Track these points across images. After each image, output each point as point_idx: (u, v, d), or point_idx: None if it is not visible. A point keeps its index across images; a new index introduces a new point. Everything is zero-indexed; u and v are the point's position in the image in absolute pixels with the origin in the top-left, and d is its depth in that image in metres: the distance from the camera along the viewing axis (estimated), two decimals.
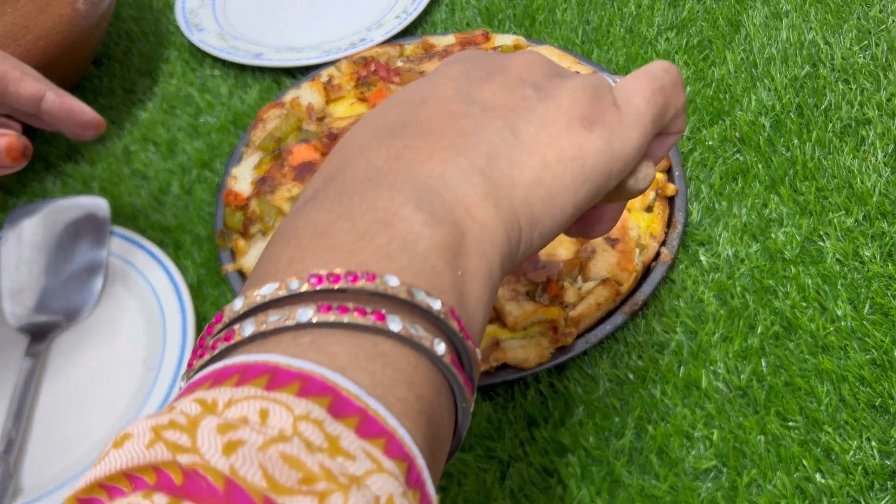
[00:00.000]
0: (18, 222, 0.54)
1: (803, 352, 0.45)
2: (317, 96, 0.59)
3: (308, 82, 0.60)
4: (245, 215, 0.51)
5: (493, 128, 0.25)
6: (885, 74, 0.60)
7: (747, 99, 0.59)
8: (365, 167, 0.24)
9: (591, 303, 0.45)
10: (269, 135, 0.55)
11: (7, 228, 0.54)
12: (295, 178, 0.52)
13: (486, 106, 0.25)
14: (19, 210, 0.54)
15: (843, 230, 0.51)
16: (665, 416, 0.43)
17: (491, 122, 0.25)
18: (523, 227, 0.24)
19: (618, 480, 0.41)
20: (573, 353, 0.44)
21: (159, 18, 0.74)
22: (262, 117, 0.57)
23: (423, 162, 0.23)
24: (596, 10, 0.69)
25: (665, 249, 0.49)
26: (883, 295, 0.47)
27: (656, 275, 0.48)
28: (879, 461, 0.40)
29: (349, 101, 0.59)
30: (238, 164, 0.56)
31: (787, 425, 0.42)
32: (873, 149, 0.55)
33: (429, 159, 0.24)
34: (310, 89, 0.59)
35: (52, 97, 0.43)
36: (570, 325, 0.45)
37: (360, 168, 0.24)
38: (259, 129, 0.57)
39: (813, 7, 0.67)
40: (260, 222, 0.50)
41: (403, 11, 0.70)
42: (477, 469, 0.42)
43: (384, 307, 0.20)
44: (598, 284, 0.46)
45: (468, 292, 0.22)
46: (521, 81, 0.26)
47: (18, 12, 0.53)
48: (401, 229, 0.21)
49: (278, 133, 0.56)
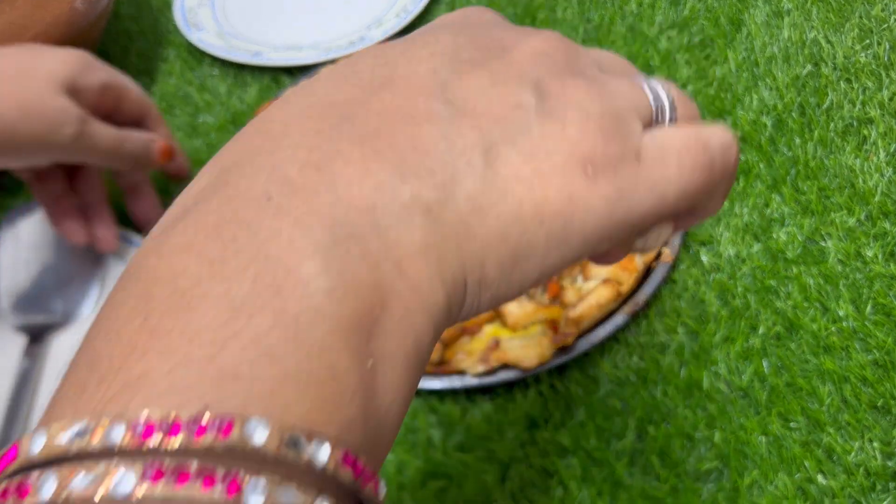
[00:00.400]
0: (17, 222, 0.54)
1: (805, 352, 0.45)
2: None
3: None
4: None
5: (462, 146, 0.18)
6: (887, 73, 0.60)
7: (749, 98, 0.59)
8: (269, 174, 0.17)
9: (591, 303, 0.45)
10: None
11: (5, 228, 0.53)
12: None
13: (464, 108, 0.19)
14: (17, 210, 0.54)
15: (845, 230, 0.50)
16: (666, 417, 0.43)
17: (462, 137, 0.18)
18: (470, 287, 0.18)
19: (619, 482, 0.41)
20: (574, 353, 0.44)
21: (157, 17, 0.74)
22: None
23: (351, 183, 0.17)
24: (597, 9, 0.69)
25: (666, 249, 0.49)
26: (885, 295, 0.47)
27: (658, 275, 0.48)
28: (882, 462, 0.40)
29: None
30: None
31: (788, 426, 0.42)
32: (875, 148, 0.55)
33: (361, 179, 0.17)
34: None
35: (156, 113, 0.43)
36: (571, 326, 0.45)
37: (264, 173, 0.17)
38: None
39: (815, 6, 0.66)
40: None
41: (403, 10, 0.69)
42: (477, 470, 0.42)
43: (244, 467, 0.14)
44: (599, 284, 0.46)
45: (381, 387, 0.16)
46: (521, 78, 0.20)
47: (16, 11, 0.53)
48: (293, 303, 0.15)
49: None
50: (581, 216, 0.19)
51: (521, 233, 0.18)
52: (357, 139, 0.18)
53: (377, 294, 0.16)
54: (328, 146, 0.18)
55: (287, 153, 0.17)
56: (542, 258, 0.19)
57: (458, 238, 0.18)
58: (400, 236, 0.17)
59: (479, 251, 0.18)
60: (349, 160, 0.17)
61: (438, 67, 0.19)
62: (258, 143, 0.18)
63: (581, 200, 0.19)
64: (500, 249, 0.18)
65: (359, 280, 0.16)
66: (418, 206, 0.17)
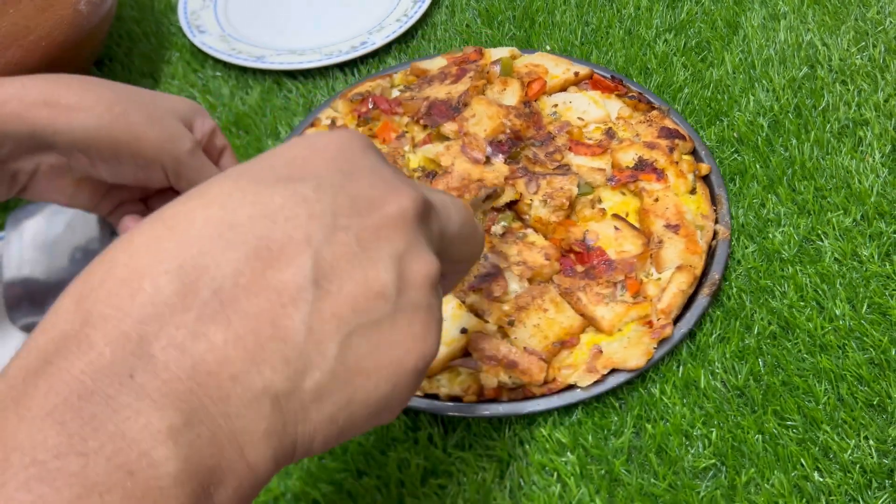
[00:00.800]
0: (20, 223, 0.54)
1: (801, 351, 0.45)
2: None
3: (311, 128, 0.58)
4: None
5: (320, 334, 0.19)
6: (882, 75, 0.60)
7: (745, 100, 0.60)
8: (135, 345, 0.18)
9: (674, 291, 0.46)
10: None
11: (9, 229, 0.54)
12: None
13: (329, 290, 0.20)
14: (21, 210, 0.55)
15: (841, 230, 0.51)
16: (664, 414, 0.43)
17: (322, 324, 0.20)
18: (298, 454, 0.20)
19: (617, 479, 0.41)
20: (674, 342, 0.44)
21: (161, 20, 0.75)
22: None
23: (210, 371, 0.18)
24: (595, 12, 0.70)
25: (721, 227, 0.50)
26: (881, 294, 0.47)
27: (722, 252, 0.49)
28: (877, 460, 0.41)
29: None
30: None
31: (785, 424, 0.42)
32: (871, 149, 0.55)
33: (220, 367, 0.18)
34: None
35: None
36: (663, 317, 0.45)
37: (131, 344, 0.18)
38: None
39: (811, 9, 0.67)
40: None
41: (404, 14, 0.70)
42: (476, 468, 0.42)
43: None
44: (675, 272, 0.47)
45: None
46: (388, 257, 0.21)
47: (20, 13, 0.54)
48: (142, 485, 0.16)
49: None
50: (400, 397, 0.22)
51: (349, 417, 0.21)
52: (223, 321, 0.18)
53: (217, 474, 0.18)
54: (195, 326, 0.18)
55: (153, 327, 0.18)
56: (360, 431, 0.22)
57: (297, 422, 0.20)
58: (246, 425, 0.19)
59: (311, 432, 0.20)
60: (212, 345, 0.18)
61: (313, 235, 0.20)
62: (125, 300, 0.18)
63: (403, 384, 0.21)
64: (329, 429, 0.20)
65: (203, 463, 0.18)
66: (268, 397, 0.19)
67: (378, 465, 0.43)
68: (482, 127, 0.53)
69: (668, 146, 0.53)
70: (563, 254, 0.49)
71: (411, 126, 0.57)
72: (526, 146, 0.54)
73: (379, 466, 0.42)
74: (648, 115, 0.56)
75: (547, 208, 0.50)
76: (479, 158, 0.52)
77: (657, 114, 0.56)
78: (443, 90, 0.58)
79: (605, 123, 0.56)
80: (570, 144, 0.54)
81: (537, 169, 0.52)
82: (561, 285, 0.47)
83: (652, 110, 0.57)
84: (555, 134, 0.54)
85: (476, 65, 0.60)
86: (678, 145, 0.53)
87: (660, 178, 0.51)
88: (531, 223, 0.50)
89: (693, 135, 0.55)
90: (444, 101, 0.57)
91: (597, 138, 0.55)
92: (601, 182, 0.52)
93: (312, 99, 0.65)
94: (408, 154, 0.55)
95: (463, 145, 0.53)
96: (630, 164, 0.52)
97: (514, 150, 0.53)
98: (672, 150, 0.53)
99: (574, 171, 0.52)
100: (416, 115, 0.57)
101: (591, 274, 0.47)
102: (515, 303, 0.45)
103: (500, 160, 0.53)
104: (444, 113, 0.56)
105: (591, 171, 0.52)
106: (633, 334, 0.45)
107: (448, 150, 0.53)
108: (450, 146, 0.53)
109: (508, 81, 0.57)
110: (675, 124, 0.56)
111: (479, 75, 0.58)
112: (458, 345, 0.44)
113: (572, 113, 0.57)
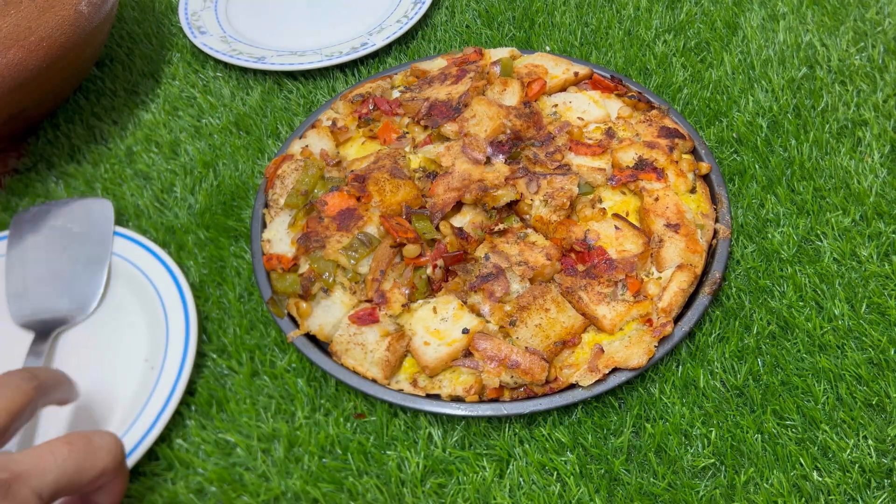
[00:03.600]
0: (23, 223, 0.54)
1: (800, 351, 0.45)
2: (327, 141, 0.57)
3: (312, 129, 0.58)
4: (300, 276, 0.48)
5: None
6: (881, 76, 0.61)
7: (745, 100, 0.60)
8: None
9: (675, 289, 0.46)
10: (293, 190, 0.53)
11: (11, 229, 0.54)
12: (339, 227, 0.50)
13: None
14: (23, 211, 0.55)
15: (840, 230, 0.51)
16: (663, 414, 0.43)
17: None
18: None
19: (616, 478, 0.41)
20: (675, 341, 0.45)
21: (162, 21, 0.75)
22: (275, 174, 0.54)
23: None
24: (594, 13, 0.70)
25: (721, 226, 0.50)
26: (880, 294, 0.47)
27: (722, 251, 0.49)
28: (876, 459, 0.41)
29: (359, 140, 0.57)
30: (267, 228, 0.52)
31: (784, 424, 0.42)
32: (870, 150, 0.56)
33: None
34: (317, 136, 0.57)
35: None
36: (664, 315, 0.45)
37: None
38: (277, 187, 0.54)
39: (810, 9, 0.67)
40: (319, 280, 0.48)
41: (404, 15, 0.70)
42: (476, 467, 0.42)
43: None
44: (675, 271, 0.47)
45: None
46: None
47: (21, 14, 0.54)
48: None
49: (303, 186, 0.53)
50: None
51: None
52: None
53: None
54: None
55: None
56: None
57: None
58: None
59: None
60: None
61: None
62: None
63: None
64: None
65: None
66: None
67: (378, 465, 0.43)
68: (482, 127, 0.54)
69: (668, 145, 0.53)
70: (564, 253, 0.49)
71: (412, 127, 0.57)
72: (526, 146, 0.54)
73: (379, 465, 0.43)
74: (648, 114, 0.57)
75: (548, 208, 0.50)
76: (479, 159, 0.52)
77: (657, 113, 0.57)
78: (443, 91, 0.58)
79: (605, 123, 0.56)
80: (570, 144, 0.54)
81: (538, 169, 0.53)
82: (562, 285, 0.47)
83: (651, 109, 0.57)
84: (555, 134, 0.55)
85: (476, 65, 0.60)
86: (678, 144, 0.54)
87: (660, 177, 0.51)
88: (532, 223, 0.51)
89: (693, 133, 0.55)
90: (445, 101, 0.57)
91: (597, 138, 0.55)
92: (601, 182, 0.52)
93: (313, 99, 0.65)
94: (408, 155, 0.55)
95: (463, 146, 0.53)
96: (630, 164, 0.52)
97: (514, 151, 0.53)
98: (672, 150, 0.53)
99: (574, 171, 0.52)
100: (417, 115, 0.57)
101: (592, 273, 0.47)
102: (517, 303, 0.45)
103: (501, 160, 0.53)
104: (445, 113, 0.56)
105: (592, 171, 0.52)
106: (633, 333, 0.45)
107: (448, 151, 0.53)
108: (450, 146, 0.53)
109: (508, 82, 0.57)
110: (675, 123, 0.56)
111: (480, 76, 0.58)
112: (459, 345, 0.44)
113: (572, 113, 0.57)
